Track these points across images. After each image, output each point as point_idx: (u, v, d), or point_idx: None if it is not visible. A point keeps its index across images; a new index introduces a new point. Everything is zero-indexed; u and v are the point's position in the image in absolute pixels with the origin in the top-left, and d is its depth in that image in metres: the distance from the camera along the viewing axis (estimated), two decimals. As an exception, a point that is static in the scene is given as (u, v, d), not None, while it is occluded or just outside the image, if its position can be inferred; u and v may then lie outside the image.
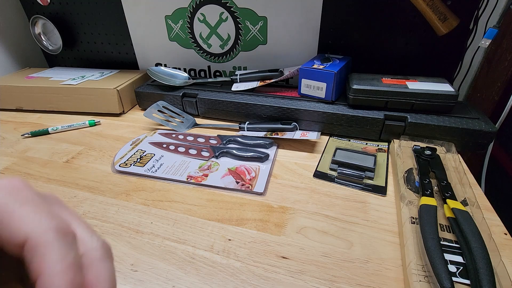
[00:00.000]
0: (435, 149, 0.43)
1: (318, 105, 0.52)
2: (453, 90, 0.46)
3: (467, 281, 0.26)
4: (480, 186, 0.45)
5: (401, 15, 0.54)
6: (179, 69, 0.69)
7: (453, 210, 0.32)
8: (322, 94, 0.52)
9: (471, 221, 0.30)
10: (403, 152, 0.44)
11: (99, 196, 0.40)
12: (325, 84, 0.51)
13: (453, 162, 0.43)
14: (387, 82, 0.50)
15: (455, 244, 0.30)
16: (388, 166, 0.44)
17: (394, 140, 0.49)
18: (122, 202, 0.39)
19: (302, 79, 0.54)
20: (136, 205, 0.38)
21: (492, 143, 0.47)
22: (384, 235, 0.33)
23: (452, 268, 0.27)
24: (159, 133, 0.55)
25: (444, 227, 0.32)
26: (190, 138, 0.52)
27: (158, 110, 0.58)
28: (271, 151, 0.48)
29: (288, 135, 0.51)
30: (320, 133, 0.51)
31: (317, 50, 0.62)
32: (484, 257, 0.26)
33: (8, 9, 0.75)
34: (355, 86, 0.49)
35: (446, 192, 0.35)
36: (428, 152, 0.42)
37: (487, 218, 0.32)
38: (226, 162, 0.46)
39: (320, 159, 0.46)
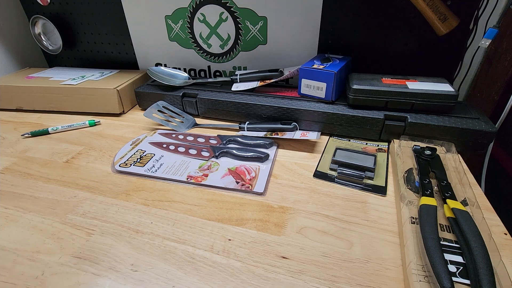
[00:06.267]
0: (435, 149, 0.43)
1: (318, 105, 0.52)
2: (453, 90, 0.46)
3: (467, 281, 0.26)
4: (480, 186, 0.45)
5: (401, 15, 0.54)
6: (179, 69, 0.69)
7: (453, 210, 0.32)
8: (322, 94, 0.52)
9: (471, 221, 0.30)
10: (403, 152, 0.44)
11: (99, 196, 0.40)
12: (325, 84, 0.51)
13: (453, 162, 0.43)
14: (387, 82, 0.50)
15: (455, 244, 0.30)
16: (388, 166, 0.44)
17: (394, 140, 0.49)
18: (122, 202, 0.39)
19: (302, 79, 0.54)
20: (136, 205, 0.38)
21: (492, 143, 0.47)
22: (384, 235, 0.33)
23: (452, 268, 0.27)
24: (159, 133, 0.55)
25: (444, 227, 0.32)
26: (190, 138, 0.52)
27: (158, 110, 0.58)
28: (271, 151, 0.48)
29: (288, 135, 0.51)
30: (320, 133, 0.51)
31: (317, 50, 0.62)
32: (484, 257, 0.26)
33: (8, 9, 0.75)
34: (355, 86, 0.49)
35: (446, 192, 0.35)
36: (428, 152, 0.42)
37: (487, 218, 0.32)
38: (226, 162, 0.46)
39: (320, 159, 0.46)
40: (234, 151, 0.46)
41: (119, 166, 0.45)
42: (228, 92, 0.59)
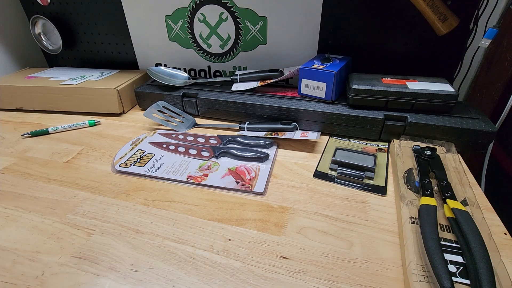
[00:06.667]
0: (435, 149, 0.43)
1: (318, 105, 0.52)
2: (453, 90, 0.46)
3: (467, 281, 0.26)
4: (480, 186, 0.45)
5: (401, 15, 0.54)
6: (179, 69, 0.69)
7: (453, 210, 0.32)
8: (322, 94, 0.52)
9: (471, 221, 0.30)
10: (403, 152, 0.44)
11: (99, 196, 0.40)
12: (325, 84, 0.51)
13: (453, 162, 0.43)
14: (387, 82, 0.50)
15: (455, 244, 0.30)
16: (388, 166, 0.44)
17: (394, 140, 0.49)
18: (122, 202, 0.39)
19: (302, 79, 0.54)
20: (136, 205, 0.38)
21: (492, 143, 0.47)
22: (384, 235, 0.33)
23: (452, 268, 0.27)
24: (159, 133, 0.55)
25: (444, 227, 0.32)
26: (190, 138, 0.52)
27: (158, 110, 0.58)
28: (271, 151, 0.48)
29: (288, 135, 0.51)
30: (320, 133, 0.51)
31: (317, 50, 0.62)
32: (484, 257, 0.26)
33: (8, 9, 0.75)
34: (355, 86, 0.49)
35: (446, 192, 0.35)
36: (428, 152, 0.42)
37: (487, 218, 0.32)
38: (226, 162, 0.46)
39: (320, 159, 0.46)
40: (234, 151, 0.46)
41: (119, 166, 0.45)
42: (228, 92, 0.59)
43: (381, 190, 0.39)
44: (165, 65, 0.74)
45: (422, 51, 0.56)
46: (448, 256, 0.28)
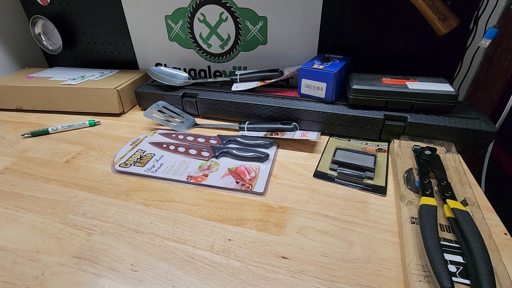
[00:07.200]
0: (435, 149, 0.43)
1: (318, 105, 0.52)
2: (453, 90, 0.46)
3: (467, 281, 0.26)
4: (480, 186, 0.45)
5: (401, 15, 0.54)
6: (179, 69, 0.69)
7: (453, 210, 0.32)
8: (322, 94, 0.52)
9: (471, 221, 0.30)
10: (403, 152, 0.44)
11: (99, 196, 0.40)
12: (325, 84, 0.51)
13: (453, 162, 0.43)
14: (387, 82, 0.50)
15: (455, 244, 0.30)
16: (388, 166, 0.44)
17: (394, 140, 0.49)
18: (122, 202, 0.39)
19: (302, 79, 0.54)
20: (136, 205, 0.38)
21: (492, 143, 0.47)
22: (384, 235, 0.33)
23: (452, 268, 0.27)
24: (159, 133, 0.55)
25: (444, 227, 0.32)
26: (190, 138, 0.52)
27: (158, 110, 0.58)
28: (271, 151, 0.48)
29: (288, 135, 0.51)
30: (320, 133, 0.51)
31: (317, 50, 0.62)
32: (484, 257, 0.26)
33: (8, 9, 0.75)
34: (355, 86, 0.49)
35: (446, 192, 0.35)
36: (428, 152, 0.42)
37: (487, 218, 0.32)
38: (226, 162, 0.46)
39: (320, 159, 0.46)
40: (234, 151, 0.46)
41: (119, 166, 0.45)
42: (228, 92, 0.59)
43: (381, 190, 0.39)
44: (165, 65, 0.74)
45: (422, 51, 0.56)
46: (448, 256, 0.28)
